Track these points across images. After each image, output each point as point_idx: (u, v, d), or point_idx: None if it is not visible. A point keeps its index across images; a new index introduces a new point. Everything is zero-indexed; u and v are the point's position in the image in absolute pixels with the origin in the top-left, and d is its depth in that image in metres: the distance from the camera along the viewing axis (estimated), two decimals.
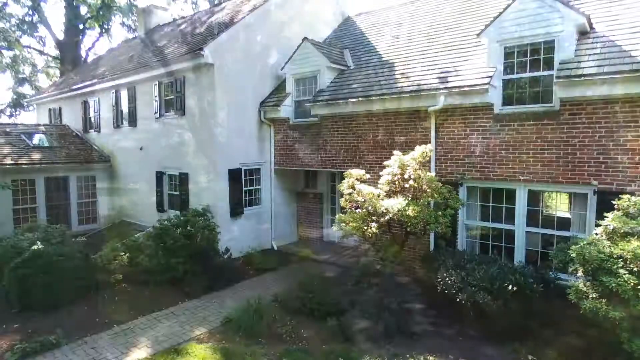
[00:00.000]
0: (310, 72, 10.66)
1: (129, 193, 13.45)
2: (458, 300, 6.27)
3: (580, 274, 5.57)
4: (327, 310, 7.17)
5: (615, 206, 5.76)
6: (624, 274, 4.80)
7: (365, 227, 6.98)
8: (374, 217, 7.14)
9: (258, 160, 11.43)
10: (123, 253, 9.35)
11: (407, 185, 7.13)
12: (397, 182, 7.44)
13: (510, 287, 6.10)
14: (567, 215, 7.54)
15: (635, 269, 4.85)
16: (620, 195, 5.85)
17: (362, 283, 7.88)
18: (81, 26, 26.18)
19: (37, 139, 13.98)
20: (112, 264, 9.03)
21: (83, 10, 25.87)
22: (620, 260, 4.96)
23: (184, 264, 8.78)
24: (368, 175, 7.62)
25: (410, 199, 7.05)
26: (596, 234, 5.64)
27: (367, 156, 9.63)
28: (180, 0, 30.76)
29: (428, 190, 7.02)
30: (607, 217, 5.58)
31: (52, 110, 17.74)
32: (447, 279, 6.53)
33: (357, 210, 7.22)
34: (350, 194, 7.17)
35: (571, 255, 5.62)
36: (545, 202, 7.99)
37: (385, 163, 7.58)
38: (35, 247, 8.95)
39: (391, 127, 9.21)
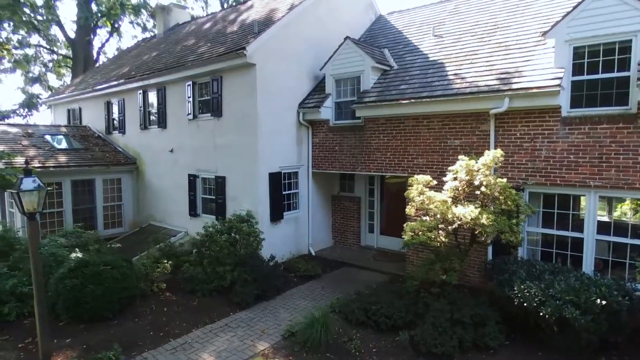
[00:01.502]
0: (353, 73, 10.31)
1: (157, 196, 13.08)
2: (542, 314, 5.93)
3: None
4: (393, 322, 6.85)
5: None
6: None
7: (434, 236, 6.66)
8: (440, 225, 6.84)
9: (296, 163, 11.08)
10: (165, 260, 8.99)
11: (477, 192, 6.80)
12: (461, 189, 7.13)
13: (598, 300, 5.77)
14: None
15: None
16: None
17: (422, 293, 7.53)
18: (92, 24, 25.78)
19: (61, 141, 13.61)
20: (155, 272, 8.66)
21: (94, 8, 25.47)
22: None
23: (232, 272, 8.45)
24: (435, 182, 7.27)
25: (479, 206, 6.74)
26: None
27: (417, 160, 9.29)
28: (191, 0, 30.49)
29: (501, 197, 6.68)
30: None
31: (71, 110, 17.34)
32: (526, 291, 6.20)
33: (425, 218, 6.89)
34: (422, 201, 6.83)
35: None
36: (617, 209, 7.67)
37: (450, 168, 7.24)
38: (74, 255, 8.65)
39: (444, 130, 8.87)
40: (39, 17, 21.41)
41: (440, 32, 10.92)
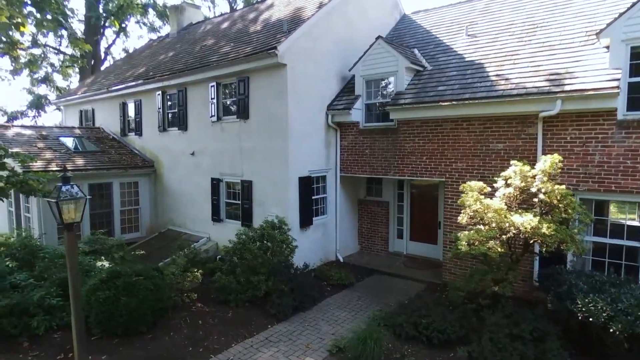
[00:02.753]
0: (385, 73, 9.96)
1: (177, 200, 12.70)
2: (612, 330, 5.58)
3: None
4: (446, 337, 6.48)
5: None
6: None
7: (492, 246, 6.31)
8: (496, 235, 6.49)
9: (324, 167, 10.72)
10: (195, 269, 8.62)
11: (535, 200, 6.47)
12: (513, 196, 6.78)
13: None
14: None
15: None
16: None
17: (468, 304, 7.19)
18: (101, 24, 25.39)
19: (76, 143, 13.23)
20: (186, 282, 8.29)
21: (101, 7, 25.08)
22: None
23: (266, 282, 8.09)
24: (489, 188, 6.92)
25: (537, 214, 6.39)
26: None
27: (455, 164, 8.94)
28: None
29: (560, 205, 6.33)
30: None
31: (83, 111, 16.96)
32: (591, 305, 5.84)
33: (480, 227, 6.54)
34: (477, 209, 6.47)
35: None
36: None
37: (502, 174, 6.90)
38: (100, 263, 8.30)
39: (486, 133, 8.52)
40: (53, 15, 21.02)
41: (474, 32, 10.58)
